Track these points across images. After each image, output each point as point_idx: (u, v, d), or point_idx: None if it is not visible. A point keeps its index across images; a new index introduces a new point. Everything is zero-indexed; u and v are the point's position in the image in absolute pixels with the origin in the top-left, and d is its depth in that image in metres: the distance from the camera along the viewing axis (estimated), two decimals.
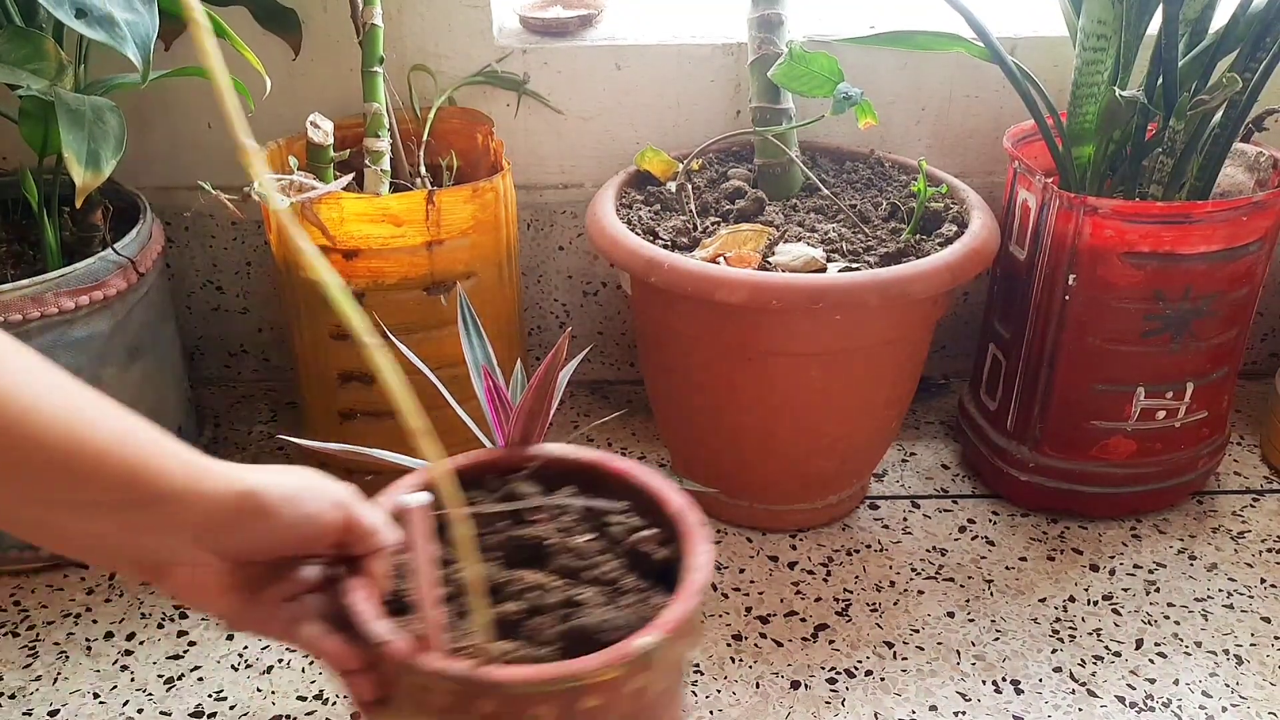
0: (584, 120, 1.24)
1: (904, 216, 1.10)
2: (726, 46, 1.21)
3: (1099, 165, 1.06)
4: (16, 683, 0.95)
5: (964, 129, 1.27)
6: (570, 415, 1.33)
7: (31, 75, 0.92)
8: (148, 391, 1.08)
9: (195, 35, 0.43)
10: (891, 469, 1.23)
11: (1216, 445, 1.15)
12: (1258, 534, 1.13)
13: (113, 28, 0.87)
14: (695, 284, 0.95)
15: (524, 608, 0.61)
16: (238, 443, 1.27)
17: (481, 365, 0.90)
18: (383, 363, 0.51)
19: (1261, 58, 0.99)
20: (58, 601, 1.04)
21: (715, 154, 1.22)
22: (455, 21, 1.19)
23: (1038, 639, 1.00)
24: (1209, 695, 0.94)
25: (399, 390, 0.51)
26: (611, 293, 1.34)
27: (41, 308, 0.96)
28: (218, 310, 1.35)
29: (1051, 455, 1.11)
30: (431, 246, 1.03)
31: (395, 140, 1.12)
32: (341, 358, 1.08)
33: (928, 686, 0.95)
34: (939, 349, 1.35)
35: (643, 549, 0.66)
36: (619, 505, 0.69)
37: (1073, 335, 1.05)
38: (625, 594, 0.63)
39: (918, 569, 1.08)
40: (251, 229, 1.29)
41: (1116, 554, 1.10)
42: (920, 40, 1.09)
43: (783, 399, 1.02)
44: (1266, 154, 1.10)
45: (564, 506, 0.69)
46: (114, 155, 0.92)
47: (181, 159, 1.25)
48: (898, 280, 0.95)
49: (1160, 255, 1.00)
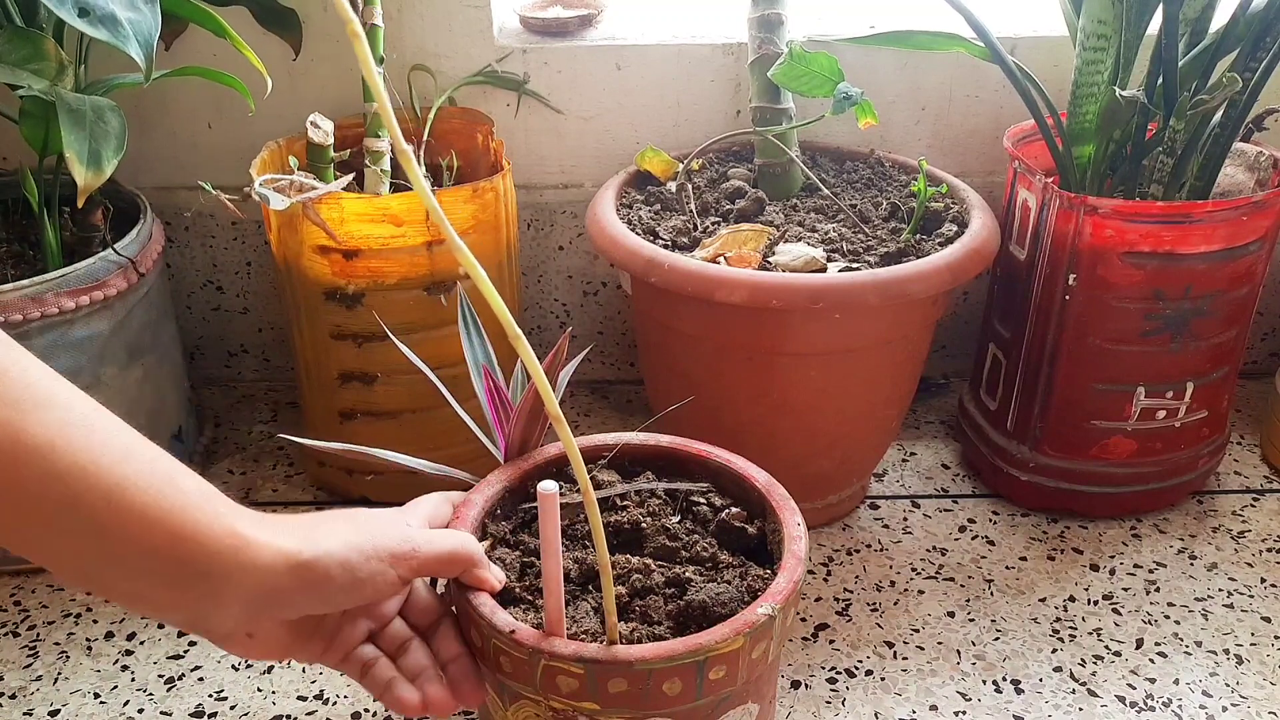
0: (584, 120, 1.24)
1: (904, 216, 1.10)
2: (726, 46, 1.21)
3: (1099, 165, 1.06)
4: (17, 683, 0.96)
5: (964, 129, 1.27)
6: (570, 415, 1.33)
7: (32, 75, 0.92)
8: (148, 391, 1.08)
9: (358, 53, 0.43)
10: (892, 469, 1.23)
11: (1217, 445, 1.15)
12: (1258, 534, 1.13)
13: (116, 27, 0.87)
14: (695, 284, 0.95)
15: (629, 590, 0.65)
16: (238, 443, 1.27)
17: (482, 365, 0.90)
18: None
19: (1262, 57, 0.99)
20: (58, 601, 1.04)
21: (715, 154, 1.22)
22: (455, 21, 1.19)
23: (1038, 639, 1.00)
24: (1209, 695, 0.94)
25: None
26: (611, 293, 1.34)
27: (41, 308, 0.96)
28: (218, 310, 1.35)
29: (1052, 455, 1.11)
30: (432, 246, 1.03)
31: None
32: (341, 358, 1.08)
33: (928, 686, 0.95)
34: (939, 349, 1.35)
35: (733, 524, 0.68)
36: (703, 486, 0.73)
37: (1073, 335, 1.05)
38: (724, 569, 0.67)
39: (918, 569, 1.08)
40: (251, 229, 1.29)
41: (1117, 554, 1.10)
42: (920, 40, 1.09)
43: (783, 399, 1.02)
44: (1267, 154, 1.10)
45: (654, 491, 0.72)
46: (115, 155, 0.92)
47: (181, 159, 1.25)
48: (898, 280, 0.95)
49: (1160, 255, 1.00)
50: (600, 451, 0.76)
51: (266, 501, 1.17)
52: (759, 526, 0.71)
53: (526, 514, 0.74)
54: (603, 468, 0.76)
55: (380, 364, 1.07)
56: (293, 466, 1.23)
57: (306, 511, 1.16)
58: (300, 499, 1.18)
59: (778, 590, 0.61)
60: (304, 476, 1.21)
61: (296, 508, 1.16)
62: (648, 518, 0.71)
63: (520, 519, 0.73)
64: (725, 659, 0.58)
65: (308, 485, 1.19)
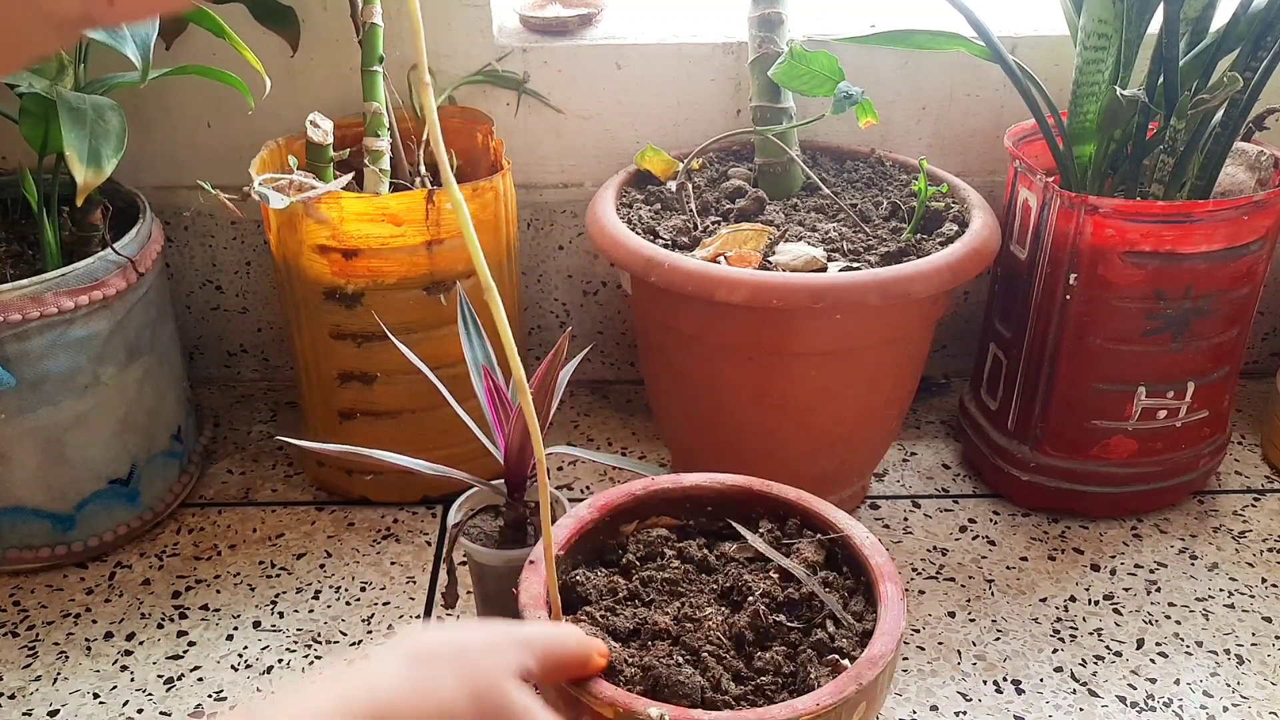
0: (584, 119, 1.24)
1: (905, 216, 1.09)
2: (727, 45, 1.21)
3: (1100, 164, 1.06)
4: (16, 683, 0.95)
5: (965, 128, 1.26)
6: (570, 415, 1.32)
7: (32, 74, 0.91)
8: (147, 391, 1.08)
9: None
10: (892, 469, 1.23)
11: (1217, 445, 1.15)
12: (1259, 533, 1.13)
13: (114, 27, 0.87)
14: (695, 283, 0.95)
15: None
16: (237, 443, 1.27)
17: (481, 365, 0.90)
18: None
19: (1262, 57, 0.98)
20: (58, 601, 1.04)
21: (715, 153, 1.21)
22: (455, 21, 1.19)
23: (1039, 639, 1.00)
24: (1210, 695, 0.94)
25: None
26: (611, 292, 1.34)
27: (41, 307, 0.96)
28: (217, 310, 1.35)
29: (1052, 455, 1.11)
30: (431, 246, 1.02)
31: (395, 140, 1.12)
32: (341, 357, 1.08)
33: (928, 686, 0.95)
34: (940, 348, 1.35)
35: (840, 620, 0.67)
36: (819, 577, 0.70)
37: (1074, 334, 1.05)
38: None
39: (918, 569, 1.08)
40: (251, 229, 1.29)
41: (1117, 554, 1.10)
42: (920, 39, 1.09)
43: (783, 398, 1.02)
44: (1267, 153, 1.10)
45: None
46: (115, 154, 0.92)
47: (181, 158, 1.25)
48: (898, 280, 0.95)
49: (1161, 254, 1.00)
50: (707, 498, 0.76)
51: (266, 501, 1.17)
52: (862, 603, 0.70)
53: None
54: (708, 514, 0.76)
55: (380, 364, 1.07)
56: (292, 466, 1.22)
57: (305, 511, 1.16)
58: (300, 499, 1.18)
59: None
60: (303, 476, 1.20)
61: (296, 508, 1.16)
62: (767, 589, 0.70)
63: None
64: None
65: (307, 485, 1.19)
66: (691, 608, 0.67)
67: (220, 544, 1.11)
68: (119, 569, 1.08)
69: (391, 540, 1.11)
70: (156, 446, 1.11)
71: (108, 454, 1.06)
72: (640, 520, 0.75)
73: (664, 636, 0.64)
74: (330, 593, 1.05)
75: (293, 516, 1.15)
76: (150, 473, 1.10)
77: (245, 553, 1.10)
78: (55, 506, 1.05)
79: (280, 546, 1.11)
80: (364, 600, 1.04)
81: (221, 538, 1.12)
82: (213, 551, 1.10)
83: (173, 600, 1.04)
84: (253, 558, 1.09)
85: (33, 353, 0.97)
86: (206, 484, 1.20)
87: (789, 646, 0.65)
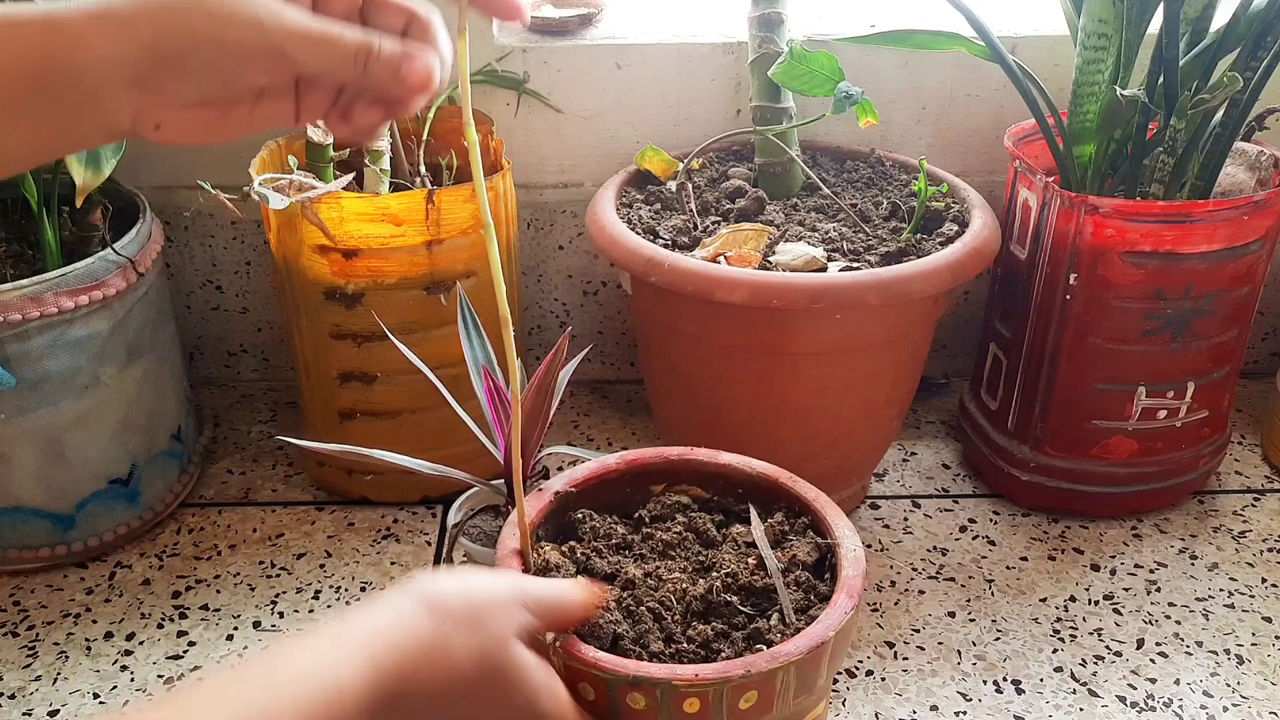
0: (584, 119, 1.24)
1: (905, 216, 1.09)
2: (727, 45, 1.21)
3: (1100, 164, 1.06)
4: (16, 683, 0.95)
5: (965, 128, 1.26)
6: (570, 415, 1.32)
7: None
8: (147, 391, 1.08)
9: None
10: (892, 468, 1.23)
11: (1217, 445, 1.15)
12: (1259, 533, 1.13)
13: None
14: (695, 283, 0.95)
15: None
16: (237, 443, 1.27)
17: (481, 365, 0.90)
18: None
19: (1262, 56, 0.98)
20: (58, 601, 1.04)
21: (715, 153, 1.21)
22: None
23: (1039, 639, 1.00)
24: (1210, 695, 0.94)
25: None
26: (611, 292, 1.34)
27: (41, 307, 0.96)
28: (217, 310, 1.35)
29: (1052, 455, 1.11)
30: (431, 246, 1.02)
31: (395, 140, 1.12)
32: (341, 357, 1.08)
33: (928, 686, 0.95)
34: (940, 348, 1.35)
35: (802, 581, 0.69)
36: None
37: (1074, 334, 1.05)
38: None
39: (918, 569, 1.08)
40: (251, 229, 1.29)
41: (1117, 554, 1.10)
42: (920, 39, 1.09)
43: (783, 398, 1.02)
44: (1268, 153, 1.10)
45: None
46: (114, 154, 0.92)
47: (181, 158, 1.25)
48: (898, 280, 0.95)
49: (1161, 254, 1.00)
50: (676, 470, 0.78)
51: (266, 501, 1.17)
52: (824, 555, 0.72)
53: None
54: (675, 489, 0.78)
55: (380, 364, 1.07)
56: (292, 466, 1.22)
57: (305, 511, 1.16)
58: (300, 499, 1.18)
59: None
60: (303, 476, 1.20)
61: (296, 508, 1.16)
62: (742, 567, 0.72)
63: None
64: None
65: (307, 485, 1.19)
66: (666, 570, 0.69)
67: (220, 544, 1.11)
68: (119, 569, 1.08)
69: (392, 540, 1.11)
70: (156, 446, 1.11)
71: (108, 454, 1.06)
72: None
73: (629, 587, 0.67)
74: (330, 593, 1.05)
75: (293, 516, 1.15)
76: (150, 473, 1.10)
77: (245, 553, 1.10)
78: (55, 506, 1.05)
79: (280, 546, 1.11)
80: (364, 600, 1.04)
81: (221, 538, 1.12)
82: (213, 551, 1.10)
83: (173, 600, 1.04)
84: (253, 558, 1.09)
85: (33, 353, 0.97)
86: (206, 484, 1.20)
87: (729, 627, 0.66)
